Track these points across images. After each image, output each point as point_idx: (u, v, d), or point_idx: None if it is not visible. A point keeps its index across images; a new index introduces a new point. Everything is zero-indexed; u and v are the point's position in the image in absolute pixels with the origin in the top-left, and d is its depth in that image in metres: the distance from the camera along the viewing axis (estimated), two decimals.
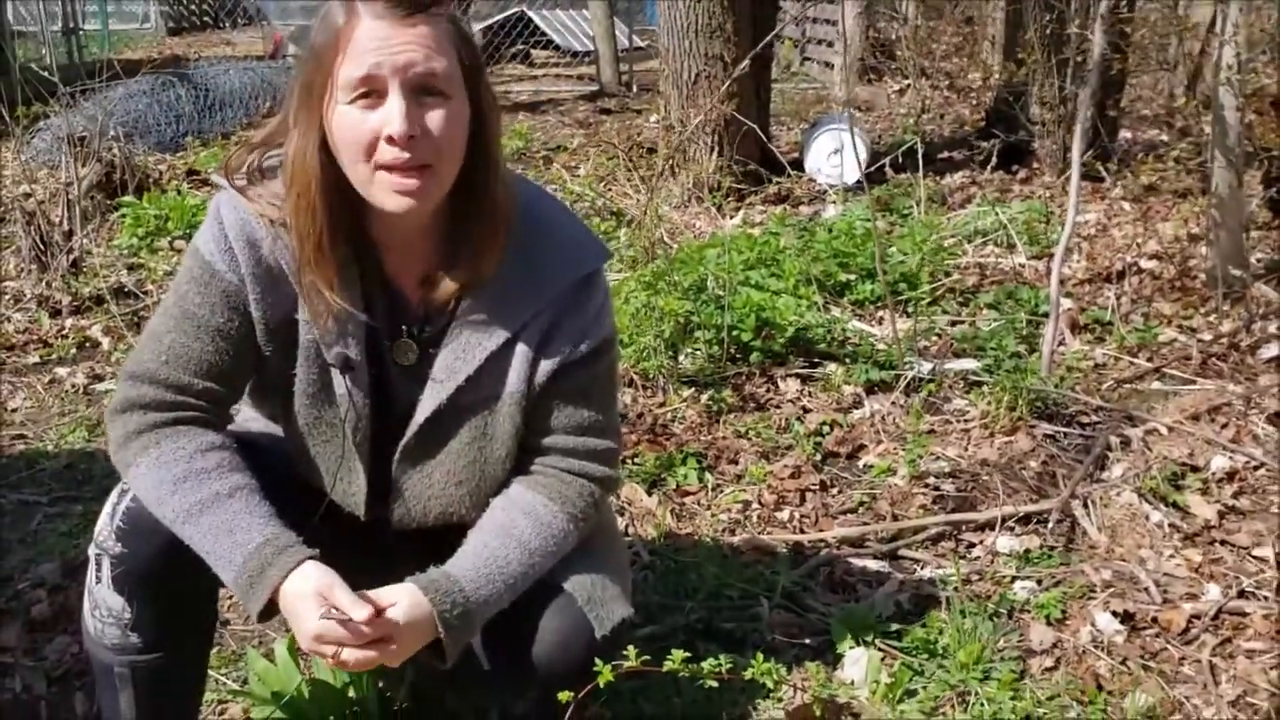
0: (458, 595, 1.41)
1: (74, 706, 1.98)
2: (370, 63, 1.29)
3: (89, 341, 3.80)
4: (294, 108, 1.37)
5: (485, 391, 1.50)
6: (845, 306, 3.77)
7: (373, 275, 1.47)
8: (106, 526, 1.47)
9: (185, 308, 1.44)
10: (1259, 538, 2.43)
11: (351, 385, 1.47)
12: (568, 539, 1.53)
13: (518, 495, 1.53)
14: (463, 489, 1.54)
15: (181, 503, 1.38)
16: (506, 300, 1.47)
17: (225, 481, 1.39)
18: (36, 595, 2.30)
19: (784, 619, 2.16)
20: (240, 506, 1.38)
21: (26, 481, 2.81)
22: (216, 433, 1.45)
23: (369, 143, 1.32)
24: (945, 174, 5.81)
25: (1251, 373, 3.23)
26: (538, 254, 1.48)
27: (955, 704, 1.90)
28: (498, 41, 11.02)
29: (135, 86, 6.85)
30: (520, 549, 1.48)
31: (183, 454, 1.40)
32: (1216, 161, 3.61)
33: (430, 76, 1.31)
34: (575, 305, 1.50)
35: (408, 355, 1.50)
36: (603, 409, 1.57)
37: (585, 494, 1.55)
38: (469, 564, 1.45)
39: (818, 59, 10.29)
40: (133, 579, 1.45)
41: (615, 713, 1.87)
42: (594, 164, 6.08)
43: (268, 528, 1.37)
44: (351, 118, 1.32)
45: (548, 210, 1.55)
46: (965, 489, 2.67)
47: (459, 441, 1.51)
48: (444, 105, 1.33)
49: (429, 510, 1.56)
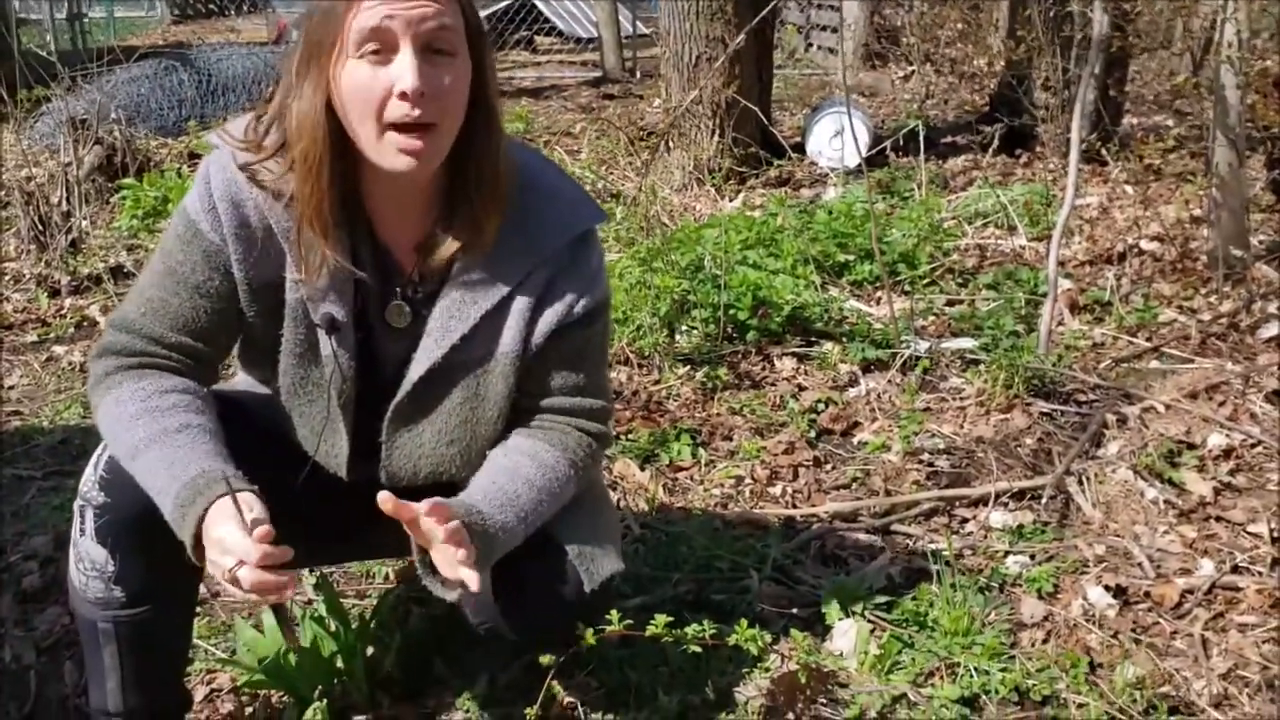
0: (477, 516, 1.41)
1: (63, 676, 1.98)
2: (383, 13, 1.29)
3: (87, 321, 3.80)
4: (299, 65, 1.37)
5: (479, 351, 1.50)
6: (843, 286, 3.76)
7: (364, 240, 1.47)
8: (90, 477, 1.47)
9: (168, 264, 1.45)
10: (1254, 514, 2.42)
11: (337, 346, 1.47)
12: (570, 483, 1.55)
13: (518, 442, 1.55)
14: (453, 449, 1.54)
15: (131, 438, 1.38)
16: (501, 260, 1.47)
17: (175, 419, 1.39)
18: (28, 567, 2.31)
19: (774, 591, 2.15)
20: (185, 441, 1.37)
21: (21, 456, 2.81)
22: (184, 379, 1.45)
23: (380, 99, 1.32)
24: (948, 158, 5.79)
25: (1251, 352, 3.21)
26: (533, 213, 1.49)
27: (944, 675, 1.90)
28: (502, 27, 11.00)
29: (137, 71, 6.85)
30: (528, 485, 1.49)
31: (141, 393, 1.41)
32: (1218, 142, 3.58)
33: (442, 31, 1.31)
34: (571, 264, 1.51)
35: (401, 317, 1.51)
36: (597, 369, 1.60)
37: (584, 444, 1.57)
38: (481, 495, 1.46)
39: (822, 45, 10.26)
40: (116, 529, 1.45)
41: (602, 680, 1.86)
42: (595, 147, 6.07)
43: (206, 461, 1.34)
44: (362, 73, 1.32)
45: (543, 172, 1.55)
46: (960, 465, 2.66)
47: (451, 401, 1.52)
48: (451, 64, 1.34)
49: (419, 469, 1.56)
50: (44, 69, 4.97)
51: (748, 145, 5.37)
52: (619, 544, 1.68)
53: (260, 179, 1.42)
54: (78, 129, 4.80)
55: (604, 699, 1.84)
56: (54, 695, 1.94)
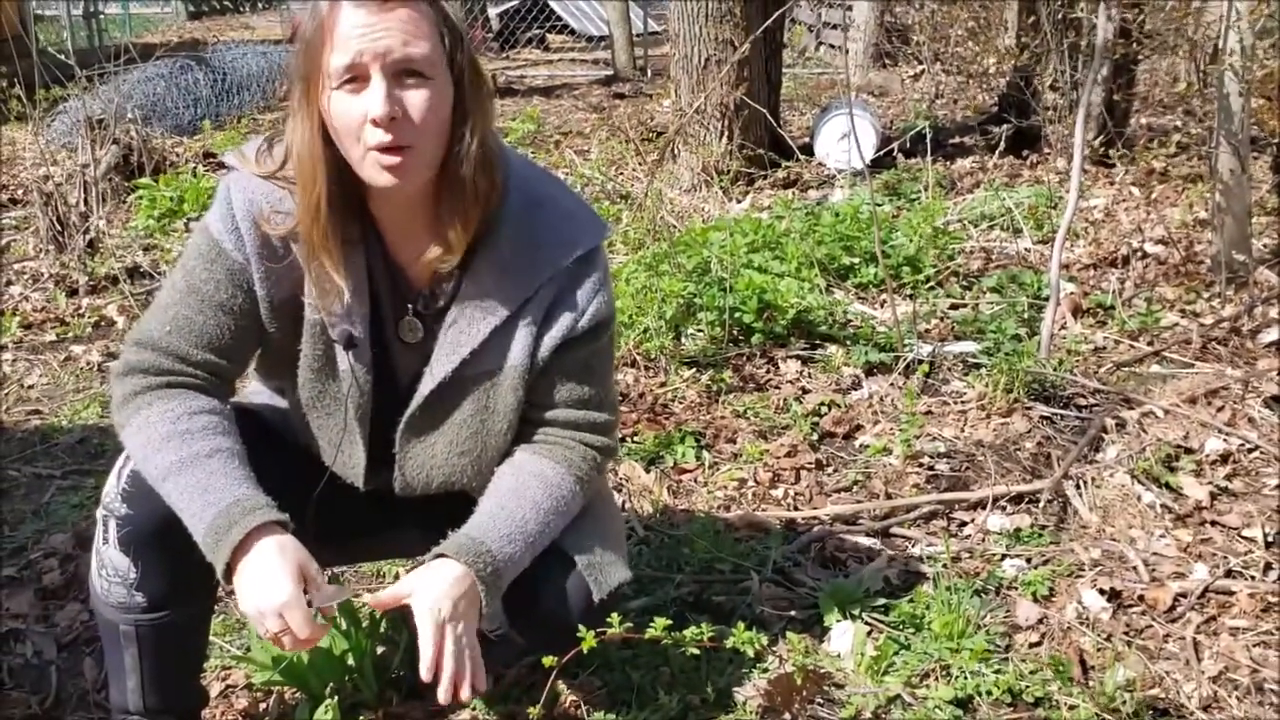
0: (486, 555, 1.47)
1: (83, 672, 2.04)
2: (353, 50, 1.34)
3: (104, 320, 3.87)
4: (295, 98, 1.42)
5: (488, 365, 1.55)
6: (848, 289, 3.80)
7: (377, 256, 1.52)
8: (113, 489, 1.53)
9: (191, 282, 1.50)
10: (1249, 519, 2.45)
11: (354, 361, 1.53)
12: (576, 499, 1.60)
13: (524, 461, 1.59)
14: (465, 459, 1.59)
15: (163, 460, 1.43)
16: (509, 276, 1.52)
17: (207, 443, 1.44)
18: (48, 564, 2.37)
19: (773, 593, 2.20)
20: (217, 467, 1.42)
21: (40, 455, 2.88)
22: (210, 398, 1.50)
23: (357, 126, 1.37)
24: (956, 159, 5.82)
25: (1251, 357, 3.24)
26: (538, 231, 1.53)
27: (938, 676, 1.94)
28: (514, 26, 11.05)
29: (153, 70, 6.92)
30: (534, 509, 1.54)
31: (170, 415, 1.46)
32: (1221, 147, 3.61)
33: (408, 61, 1.35)
34: (576, 281, 1.55)
35: (413, 333, 1.56)
36: (602, 383, 1.64)
37: (588, 458, 1.62)
38: (489, 526, 1.51)
39: (832, 44, 10.27)
40: (138, 540, 1.50)
41: (604, 680, 1.91)
42: (604, 148, 6.11)
43: (240, 489, 1.41)
44: (342, 103, 1.37)
45: (546, 187, 1.59)
46: (959, 469, 2.70)
47: (462, 413, 1.57)
48: (425, 87, 1.37)
49: (431, 479, 1.61)
50: (60, 69, 5.03)
51: (756, 147, 5.41)
52: (625, 552, 1.73)
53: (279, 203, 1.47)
54: (95, 129, 4.88)
55: (606, 698, 1.89)
56: (74, 690, 2.00)
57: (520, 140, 6.06)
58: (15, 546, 2.44)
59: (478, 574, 1.45)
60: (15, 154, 6.20)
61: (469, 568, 1.45)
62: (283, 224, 1.46)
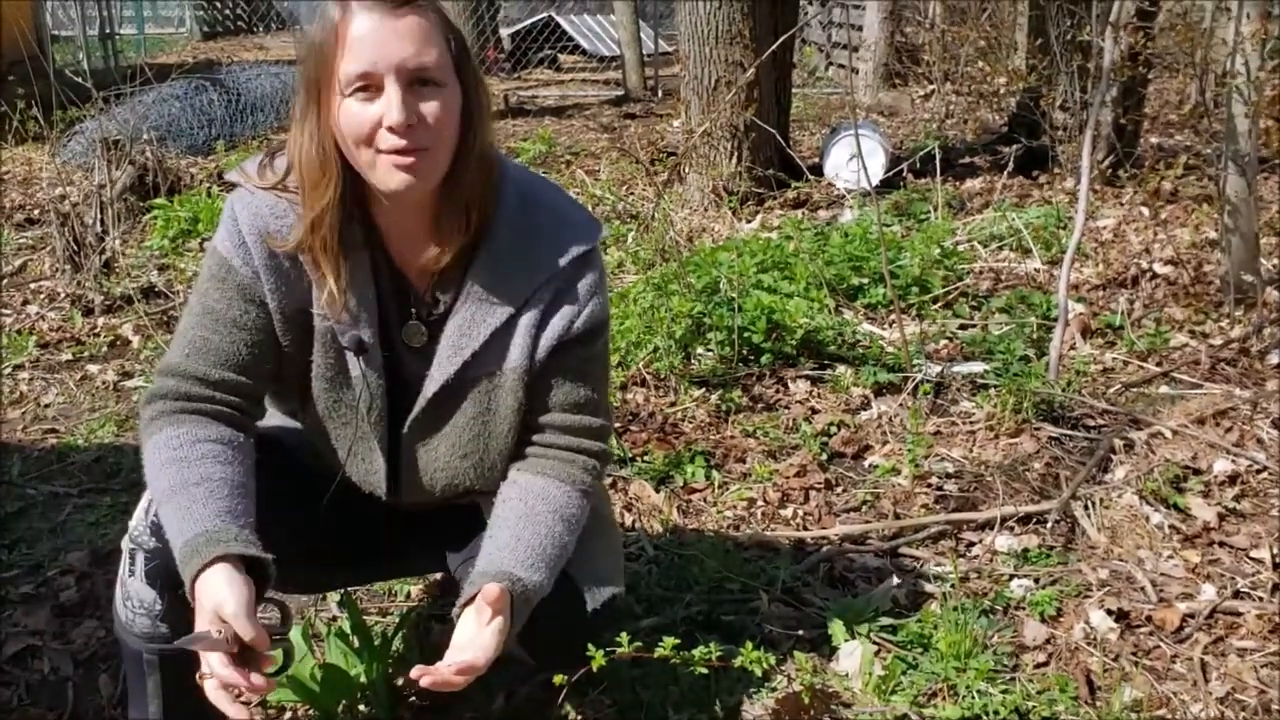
0: (519, 584, 1.49)
1: (99, 688, 2.06)
2: (367, 59, 1.37)
3: (120, 340, 3.91)
4: (299, 109, 1.46)
5: (489, 367, 1.58)
6: (857, 310, 3.82)
7: (383, 265, 1.56)
8: (141, 523, 1.55)
9: (205, 304, 1.54)
10: (1257, 540, 2.46)
11: (366, 367, 1.56)
12: (583, 513, 1.63)
13: (529, 484, 1.61)
14: (467, 461, 1.62)
15: (160, 485, 1.46)
16: (508, 278, 1.55)
17: (197, 471, 1.46)
18: (65, 582, 2.40)
19: (782, 612, 2.22)
20: (200, 495, 1.43)
21: (57, 474, 2.91)
22: (222, 426, 1.52)
23: (370, 132, 1.40)
24: (966, 179, 5.84)
25: (1259, 377, 3.25)
26: (534, 232, 1.56)
27: (945, 695, 1.96)
28: (526, 46, 11.13)
29: (168, 90, 7.00)
30: (548, 532, 1.57)
31: (174, 441, 1.48)
32: (1228, 168, 3.63)
33: (423, 70, 1.39)
34: (573, 282, 1.58)
35: (417, 337, 1.59)
36: (597, 387, 1.66)
37: (588, 468, 1.64)
38: (510, 555, 1.53)
39: (842, 64, 10.32)
40: (166, 574, 1.51)
41: (614, 698, 1.93)
42: (615, 168, 6.15)
43: (214, 521, 1.41)
44: (354, 109, 1.40)
45: (544, 192, 1.62)
46: (968, 489, 2.72)
47: (464, 415, 1.60)
48: (438, 93, 1.41)
49: (435, 482, 1.64)
50: (76, 91, 5.10)
51: (765, 167, 5.44)
52: (621, 564, 1.75)
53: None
54: (111, 150, 4.94)
55: (616, 717, 1.90)
56: (90, 706, 2.02)
57: (532, 160, 6.11)
58: (32, 564, 2.47)
59: (512, 600, 1.46)
60: (32, 174, 6.27)
61: (510, 593, 1.46)
62: (288, 235, 1.49)
